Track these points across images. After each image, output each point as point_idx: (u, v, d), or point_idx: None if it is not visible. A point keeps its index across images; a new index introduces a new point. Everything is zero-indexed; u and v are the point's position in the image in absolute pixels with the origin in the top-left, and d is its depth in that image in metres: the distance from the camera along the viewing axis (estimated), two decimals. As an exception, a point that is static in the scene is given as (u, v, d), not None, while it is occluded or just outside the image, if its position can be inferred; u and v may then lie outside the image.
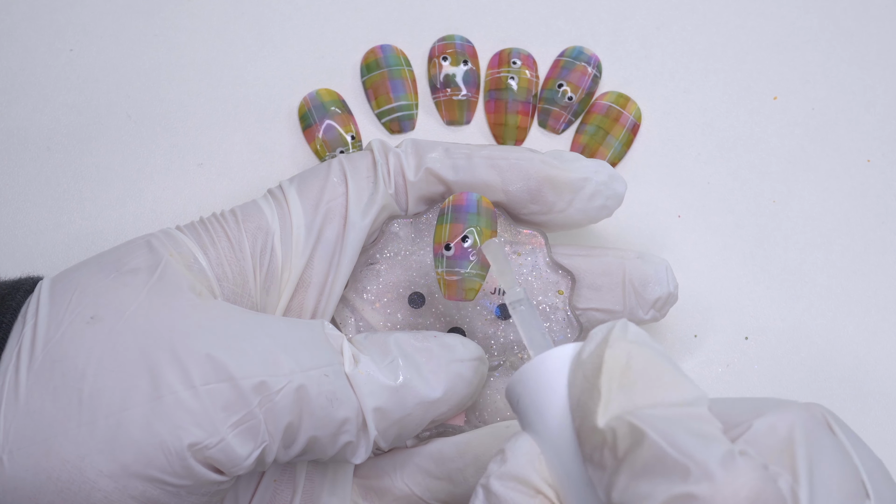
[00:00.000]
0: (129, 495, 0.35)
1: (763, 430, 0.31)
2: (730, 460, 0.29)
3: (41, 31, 0.55)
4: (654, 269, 0.45)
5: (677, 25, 0.57)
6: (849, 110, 0.56)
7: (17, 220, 0.52)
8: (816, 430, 0.31)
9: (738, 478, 0.28)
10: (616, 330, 0.33)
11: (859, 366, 0.51)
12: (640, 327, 0.46)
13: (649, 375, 0.31)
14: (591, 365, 0.32)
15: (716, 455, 0.29)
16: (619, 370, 0.31)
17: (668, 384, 0.31)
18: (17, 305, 0.38)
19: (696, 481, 0.28)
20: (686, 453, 0.29)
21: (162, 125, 0.54)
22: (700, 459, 0.28)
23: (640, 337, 0.33)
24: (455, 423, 0.43)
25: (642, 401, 0.31)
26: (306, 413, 0.37)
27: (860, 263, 0.53)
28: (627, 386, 0.31)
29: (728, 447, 0.29)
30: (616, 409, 0.31)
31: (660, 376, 0.31)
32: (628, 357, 0.32)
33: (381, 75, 0.54)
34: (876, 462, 0.32)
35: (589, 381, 0.32)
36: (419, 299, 0.44)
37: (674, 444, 0.29)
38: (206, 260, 0.41)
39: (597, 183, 0.44)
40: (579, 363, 0.33)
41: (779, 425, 0.31)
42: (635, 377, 0.31)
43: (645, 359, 0.32)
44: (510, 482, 0.33)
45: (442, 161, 0.44)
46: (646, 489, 0.29)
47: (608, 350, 0.32)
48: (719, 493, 0.28)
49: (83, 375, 0.35)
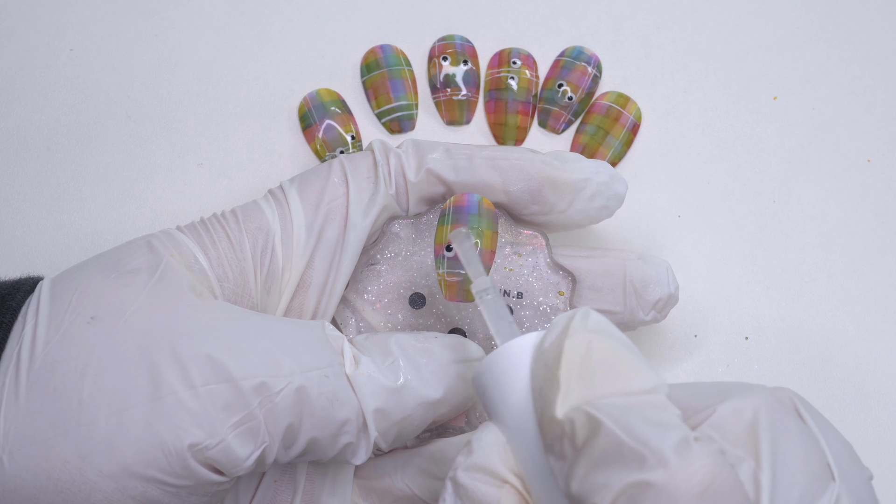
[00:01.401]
0: (129, 496, 0.35)
1: (727, 414, 0.31)
2: (684, 447, 0.29)
3: (41, 31, 0.55)
4: (655, 270, 0.45)
5: (677, 25, 0.57)
6: (849, 110, 0.56)
7: (17, 220, 0.52)
8: (782, 414, 0.31)
9: (691, 463, 0.28)
10: (577, 319, 0.33)
11: (859, 366, 0.51)
12: (640, 328, 0.47)
13: (608, 365, 0.31)
14: (552, 354, 0.32)
15: (671, 442, 0.29)
16: (579, 360, 0.32)
17: (627, 373, 0.31)
18: (17, 305, 0.38)
19: (650, 469, 0.28)
20: (642, 441, 0.29)
21: (162, 125, 0.54)
22: (655, 447, 0.29)
23: (600, 325, 0.33)
24: (456, 423, 0.43)
25: (601, 390, 0.31)
26: (306, 414, 0.37)
27: (860, 263, 0.53)
28: (586, 376, 0.31)
29: (683, 434, 0.29)
30: (575, 400, 0.31)
31: (619, 365, 0.32)
32: (588, 346, 0.32)
33: (381, 75, 0.54)
34: (844, 445, 0.32)
35: (549, 370, 0.32)
36: (420, 300, 0.44)
37: (630, 432, 0.29)
38: (207, 260, 0.41)
39: (597, 183, 0.44)
40: (541, 352, 0.33)
41: (743, 409, 0.31)
42: (594, 367, 0.31)
43: (605, 348, 0.32)
44: (477, 473, 0.33)
45: (443, 161, 0.44)
46: (603, 479, 0.29)
47: (568, 340, 0.32)
48: (673, 480, 0.28)
49: (83, 376, 0.35)
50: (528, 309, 0.44)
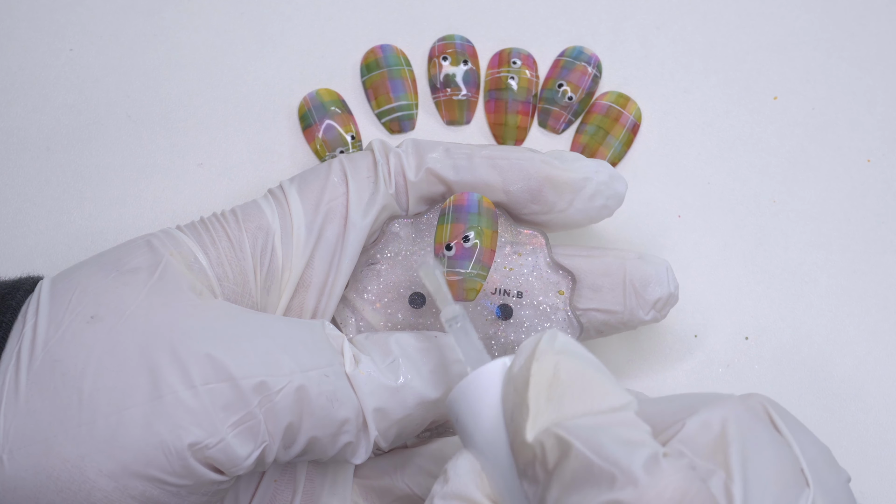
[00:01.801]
0: (129, 495, 0.35)
1: (695, 428, 0.31)
2: (653, 464, 0.29)
3: (41, 31, 0.55)
4: (655, 269, 0.45)
5: (677, 25, 0.57)
6: (849, 110, 0.56)
7: (17, 220, 0.52)
8: (751, 422, 0.31)
9: (661, 480, 0.28)
10: (543, 342, 0.33)
11: (859, 366, 0.51)
12: (640, 328, 0.46)
13: (576, 385, 0.32)
14: (521, 379, 0.32)
15: (640, 459, 0.29)
16: (547, 382, 0.32)
17: (595, 392, 0.31)
18: (17, 305, 0.38)
19: (621, 487, 0.28)
20: (611, 460, 0.29)
21: (162, 125, 0.54)
22: (625, 465, 0.29)
23: (567, 347, 0.33)
24: (455, 423, 0.43)
25: (570, 411, 0.31)
26: (306, 413, 0.37)
27: (860, 263, 0.53)
28: (555, 398, 0.31)
29: (652, 450, 0.29)
30: (544, 423, 0.31)
31: (587, 385, 0.32)
32: (555, 368, 0.32)
33: (381, 75, 0.54)
34: (820, 449, 0.32)
35: (519, 394, 0.32)
36: (420, 299, 0.44)
37: (599, 452, 0.29)
38: (207, 259, 0.41)
39: (597, 183, 0.44)
40: (510, 377, 0.33)
41: (712, 421, 0.31)
42: (563, 388, 0.31)
43: (572, 369, 0.32)
44: (454, 501, 0.33)
45: (442, 161, 0.44)
46: (575, 500, 0.29)
47: (535, 363, 0.32)
48: (643, 497, 0.28)
49: (83, 375, 0.35)
50: (528, 308, 0.44)
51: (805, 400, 0.50)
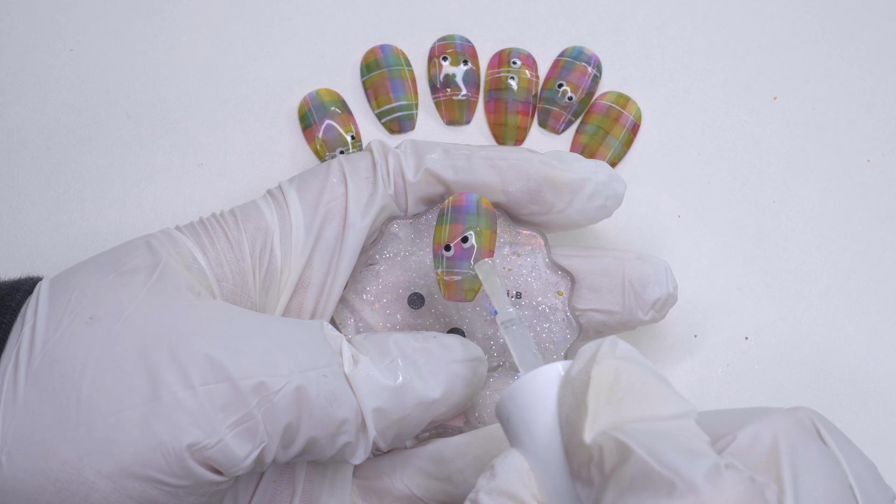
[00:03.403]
0: (127, 495, 0.35)
1: (747, 440, 0.31)
2: (715, 474, 0.29)
3: (41, 31, 0.56)
4: (654, 269, 0.45)
5: (677, 25, 0.57)
6: (849, 110, 0.56)
7: (17, 220, 0.52)
8: (801, 436, 0.31)
9: (723, 491, 0.28)
10: (605, 347, 0.33)
11: (859, 366, 0.51)
12: (639, 328, 0.46)
13: (637, 391, 0.31)
14: (580, 382, 0.32)
15: (701, 469, 0.29)
16: (607, 386, 0.32)
17: (655, 399, 0.31)
18: (16, 306, 0.38)
19: (681, 496, 0.28)
20: (672, 468, 0.29)
21: (162, 125, 0.54)
22: (685, 474, 0.28)
23: (628, 353, 0.33)
24: (454, 423, 0.43)
25: (629, 416, 0.31)
26: (305, 414, 0.37)
27: (860, 263, 0.53)
28: (615, 402, 0.31)
29: (714, 460, 0.29)
30: (603, 425, 0.31)
31: (647, 391, 0.32)
32: (616, 373, 0.32)
33: (381, 75, 0.54)
34: (866, 465, 0.32)
35: (577, 397, 0.32)
36: (419, 300, 0.44)
37: (660, 459, 0.29)
38: (206, 260, 0.41)
39: (596, 183, 0.44)
40: (568, 380, 0.33)
41: (762, 434, 0.31)
42: (623, 393, 0.31)
43: (633, 374, 0.32)
44: (499, 497, 0.33)
45: (441, 162, 0.44)
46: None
47: (596, 367, 0.32)
48: None
49: (82, 376, 0.35)
50: (527, 309, 0.44)
51: (805, 400, 0.50)
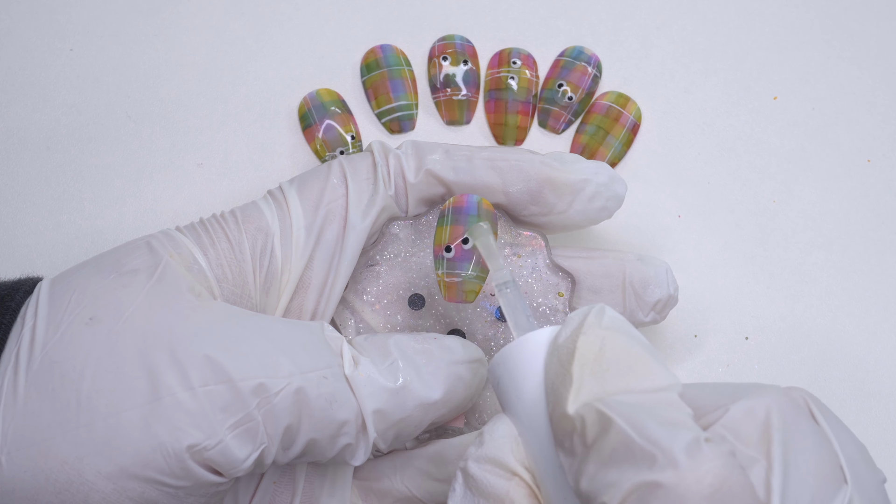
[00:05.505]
0: (127, 496, 0.35)
1: (740, 414, 0.31)
2: (695, 448, 0.29)
3: (41, 31, 0.55)
4: (655, 271, 0.45)
5: (677, 25, 0.57)
6: (849, 110, 0.56)
7: (17, 220, 0.52)
8: (795, 414, 0.31)
9: (702, 465, 0.28)
10: (591, 315, 0.33)
11: (859, 366, 0.51)
12: (640, 329, 0.46)
13: (622, 362, 0.31)
14: (566, 350, 0.32)
15: (681, 442, 0.29)
16: (592, 356, 0.31)
17: (640, 371, 0.31)
18: (16, 306, 0.38)
19: (660, 469, 0.28)
20: (652, 440, 0.29)
21: (162, 125, 0.54)
22: (666, 447, 0.28)
23: (615, 323, 0.33)
24: (455, 425, 0.43)
25: (613, 388, 0.31)
26: (305, 415, 0.37)
27: (860, 263, 0.53)
28: (599, 373, 0.31)
29: (694, 434, 0.29)
30: (586, 396, 0.31)
31: (632, 363, 0.31)
32: (602, 343, 0.32)
33: (381, 75, 0.54)
34: (857, 447, 0.32)
35: (563, 366, 0.32)
36: (419, 301, 0.44)
37: (641, 431, 0.29)
38: (206, 261, 0.41)
39: (597, 184, 0.44)
40: (555, 348, 0.33)
41: (756, 409, 0.31)
42: (607, 364, 0.31)
43: (618, 345, 0.32)
44: (487, 465, 0.33)
45: (442, 163, 0.44)
46: (612, 477, 0.29)
47: (582, 336, 0.32)
48: (683, 481, 0.28)
49: (82, 376, 0.35)
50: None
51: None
